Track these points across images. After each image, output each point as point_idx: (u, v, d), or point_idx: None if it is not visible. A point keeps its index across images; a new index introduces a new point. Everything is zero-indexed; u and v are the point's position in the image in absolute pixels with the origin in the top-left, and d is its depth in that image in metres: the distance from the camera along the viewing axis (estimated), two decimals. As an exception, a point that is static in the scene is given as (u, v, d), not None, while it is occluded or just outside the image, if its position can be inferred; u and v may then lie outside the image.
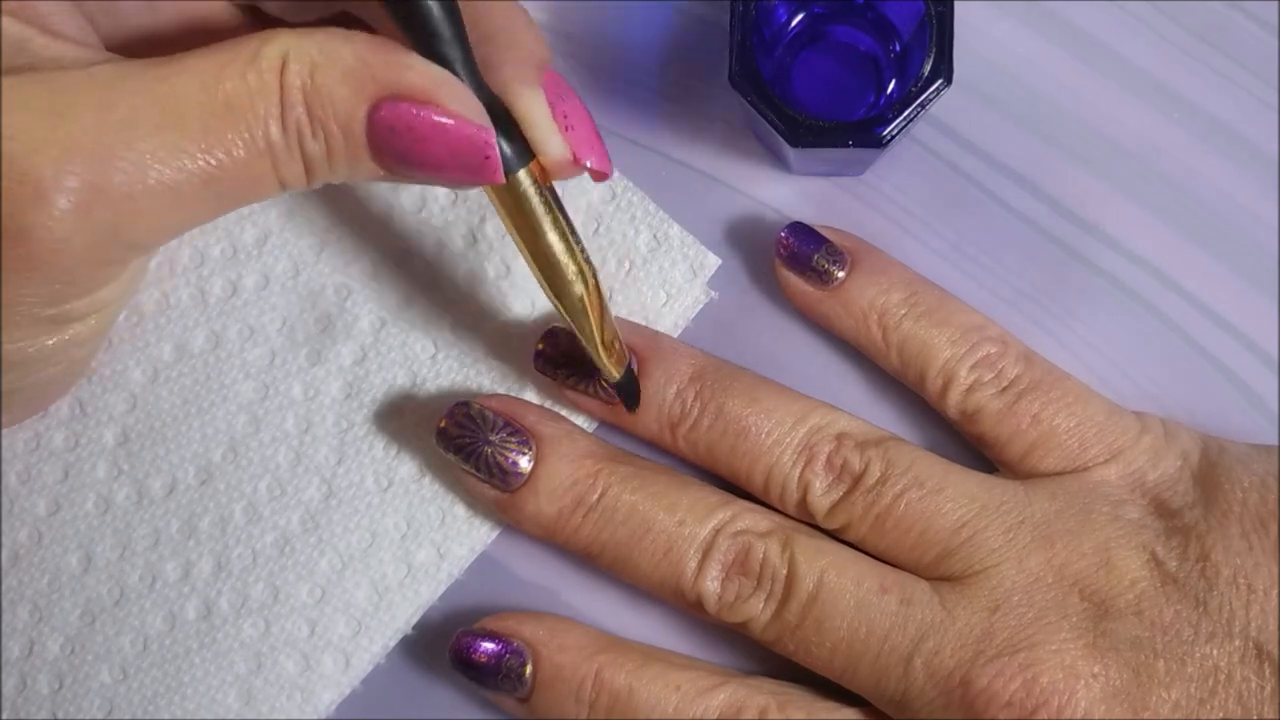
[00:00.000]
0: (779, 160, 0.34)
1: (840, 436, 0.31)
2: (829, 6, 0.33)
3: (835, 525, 0.31)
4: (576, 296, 0.29)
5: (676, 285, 0.34)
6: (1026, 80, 0.34)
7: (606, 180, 0.29)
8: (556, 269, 0.28)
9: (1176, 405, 0.33)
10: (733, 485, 0.32)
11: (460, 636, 0.31)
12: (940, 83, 0.29)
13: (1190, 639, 0.29)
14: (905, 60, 0.32)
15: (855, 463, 0.31)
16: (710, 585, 0.30)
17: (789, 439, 0.31)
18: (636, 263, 0.34)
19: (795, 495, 0.31)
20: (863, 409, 0.33)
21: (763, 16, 0.31)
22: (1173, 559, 0.29)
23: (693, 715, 0.30)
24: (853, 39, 0.34)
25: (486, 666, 0.31)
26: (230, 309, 0.34)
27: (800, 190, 0.34)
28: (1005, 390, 0.31)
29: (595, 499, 0.31)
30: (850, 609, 0.30)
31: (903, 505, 0.30)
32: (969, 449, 0.33)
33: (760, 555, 0.30)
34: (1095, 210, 0.34)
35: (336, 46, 0.25)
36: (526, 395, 0.34)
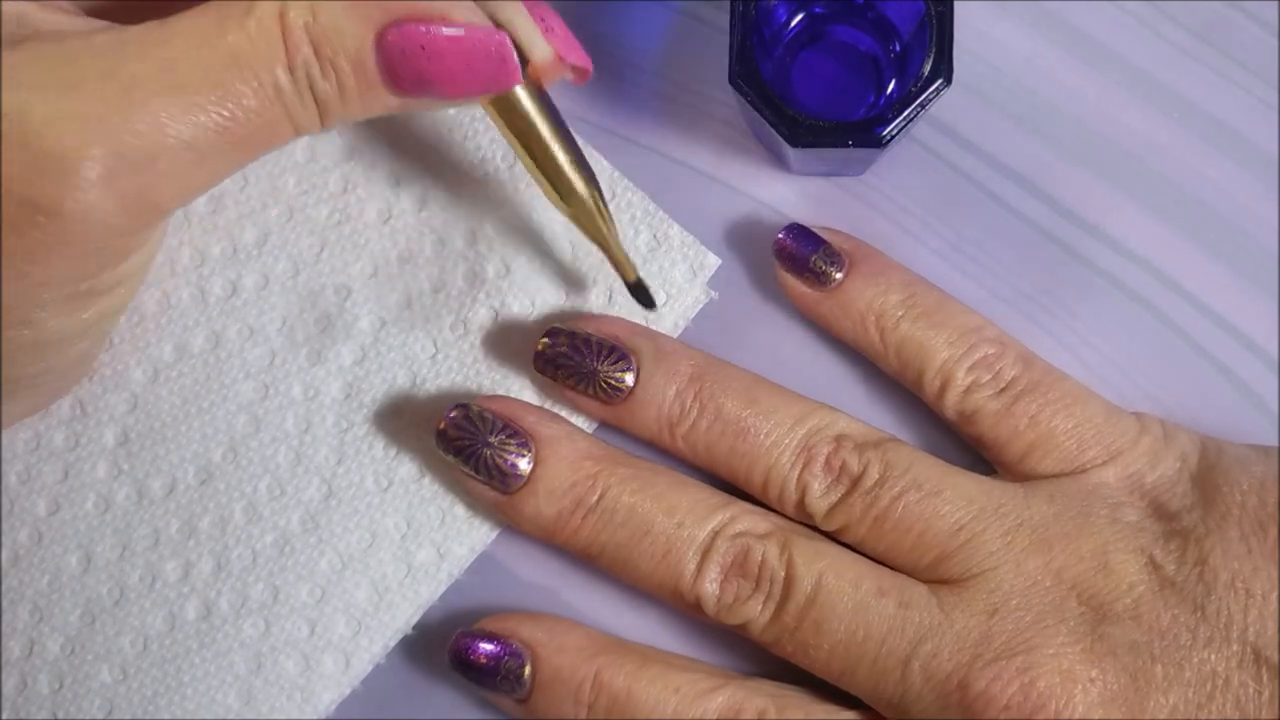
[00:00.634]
0: (779, 160, 0.34)
1: (839, 438, 0.31)
2: (829, 6, 0.33)
3: (834, 527, 0.31)
4: (588, 197, 0.30)
5: (676, 285, 0.34)
6: (1026, 80, 0.34)
7: (588, 79, 0.30)
8: (562, 174, 0.29)
9: (1176, 405, 0.33)
10: (733, 486, 0.32)
11: (459, 637, 0.31)
12: (940, 83, 0.29)
13: (1188, 644, 0.29)
14: (905, 60, 0.32)
15: (854, 464, 0.31)
16: (709, 587, 0.30)
17: (788, 440, 0.31)
18: (636, 263, 0.34)
19: (794, 496, 0.31)
20: (863, 409, 0.33)
21: (763, 16, 0.31)
22: (1170, 562, 0.29)
23: (691, 717, 0.30)
24: (853, 39, 0.34)
25: (485, 668, 0.31)
26: (230, 309, 0.34)
27: (800, 190, 0.34)
28: (1003, 391, 0.31)
29: (594, 500, 0.31)
30: (848, 611, 0.30)
31: (900, 507, 0.30)
32: (969, 450, 0.33)
33: (759, 557, 0.30)
34: (1095, 210, 0.34)
35: None
36: (526, 395, 0.34)
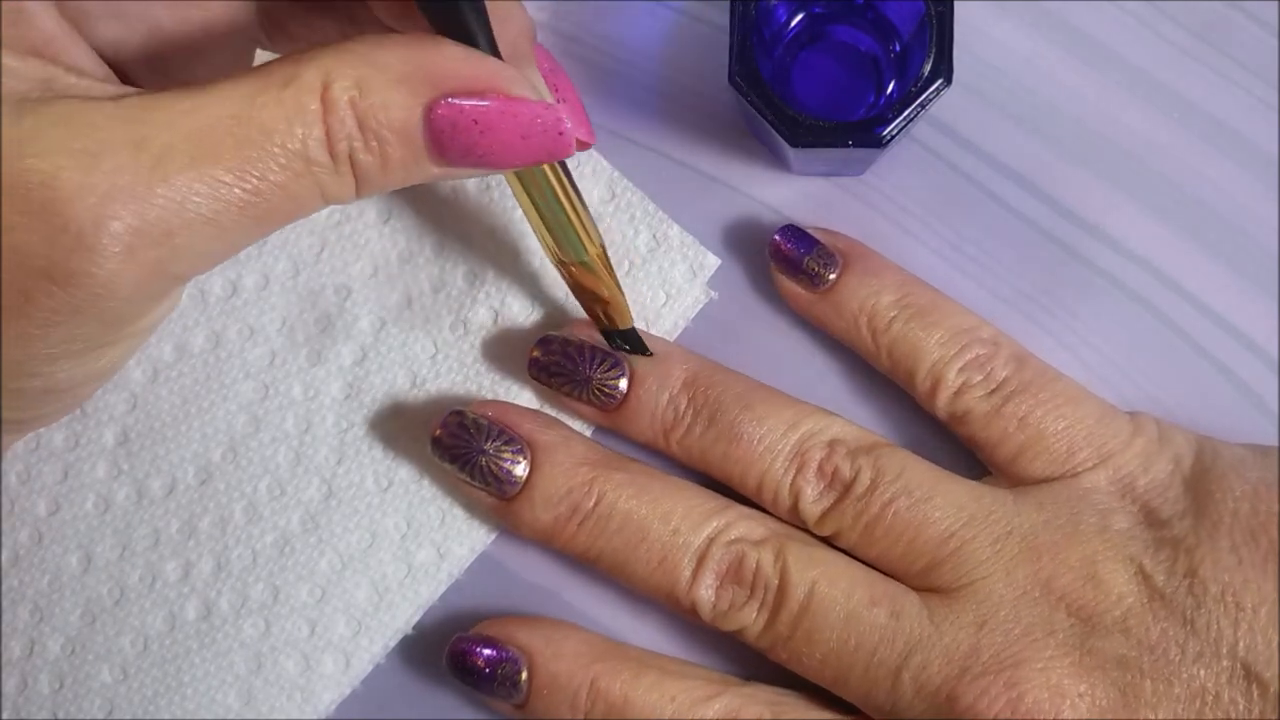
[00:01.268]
0: (779, 160, 0.34)
1: (832, 443, 0.31)
2: (829, 6, 0.33)
3: (826, 532, 0.31)
4: (596, 255, 0.30)
5: (676, 285, 0.34)
6: (1026, 80, 0.34)
7: (589, 149, 0.30)
8: (571, 236, 0.30)
9: (1176, 405, 0.33)
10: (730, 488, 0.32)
11: (457, 641, 0.31)
12: (940, 83, 0.29)
13: (1178, 659, 0.28)
14: (905, 60, 0.32)
15: (846, 470, 0.31)
16: (705, 594, 0.30)
17: (781, 445, 0.31)
18: (636, 263, 0.34)
19: (787, 502, 0.31)
20: (862, 409, 0.33)
21: (763, 16, 0.31)
22: (1160, 573, 0.29)
23: None
24: (853, 39, 0.34)
25: (482, 672, 0.31)
26: (230, 309, 0.34)
27: (800, 190, 0.34)
28: (994, 393, 0.31)
29: (590, 507, 0.31)
30: (840, 621, 0.30)
31: (891, 514, 0.30)
32: (967, 451, 0.32)
33: (753, 564, 0.30)
34: (1095, 210, 0.34)
35: (379, 55, 0.24)
36: (525, 396, 0.34)
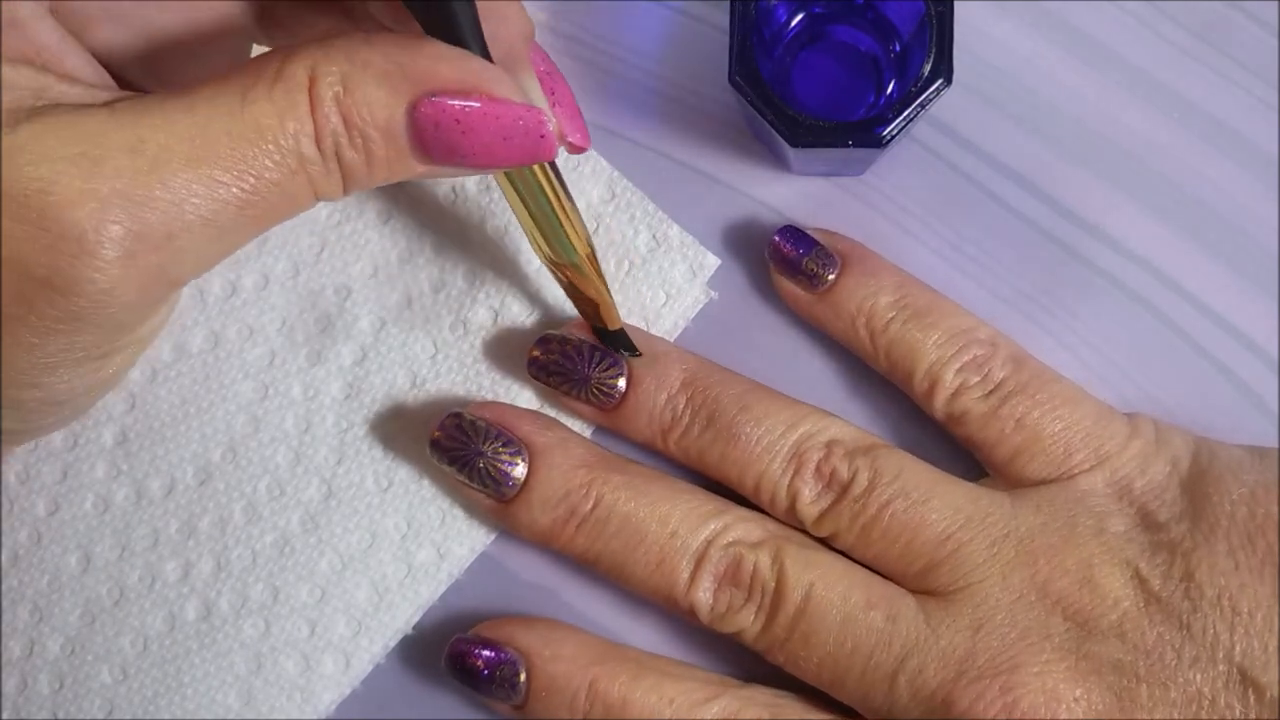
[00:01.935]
0: (779, 160, 0.34)
1: (830, 444, 0.31)
2: (829, 6, 0.33)
3: (824, 533, 0.31)
4: (585, 256, 0.30)
5: (676, 285, 0.34)
6: (1026, 80, 0.34)
7: (584, 153, 0.30)
8: (560, 236, 0.29)
9: (1176, 405, 0.33)
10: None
11: (456, 642, 0.31)
12: (940, 83, 0.29)
13: (1174, 663, 0.28)
14: (905, 60, 0.32)
15: (843, 471, 0.31)
16: (703, 596, 0.30)
17: (779, 446, 0.31)
18: (636, 263, 0.34)
19: (785, 503, 0.31)
20: (861, 410, 0.33)
21: (763, 16, 0.31)
22: (1156, 577, 0.29)
23: None
24: (853, 39, 0.34)
25: (481, 674, 0.31)
26: (229, 309, 0.34)
27: (800, 190, 0.34)
28: (991, 393, 0.31)
29: (588, 509, 0.31)
30: (836, 624, 0.30)
31: (888, 515, 0.30)
32: (966, 452, 0.32)
33: (751, 566, 0.30)
34: (1095, 210, 0.34)
35: (363, 52, 0.25)
36: (525, 396, 0.34)
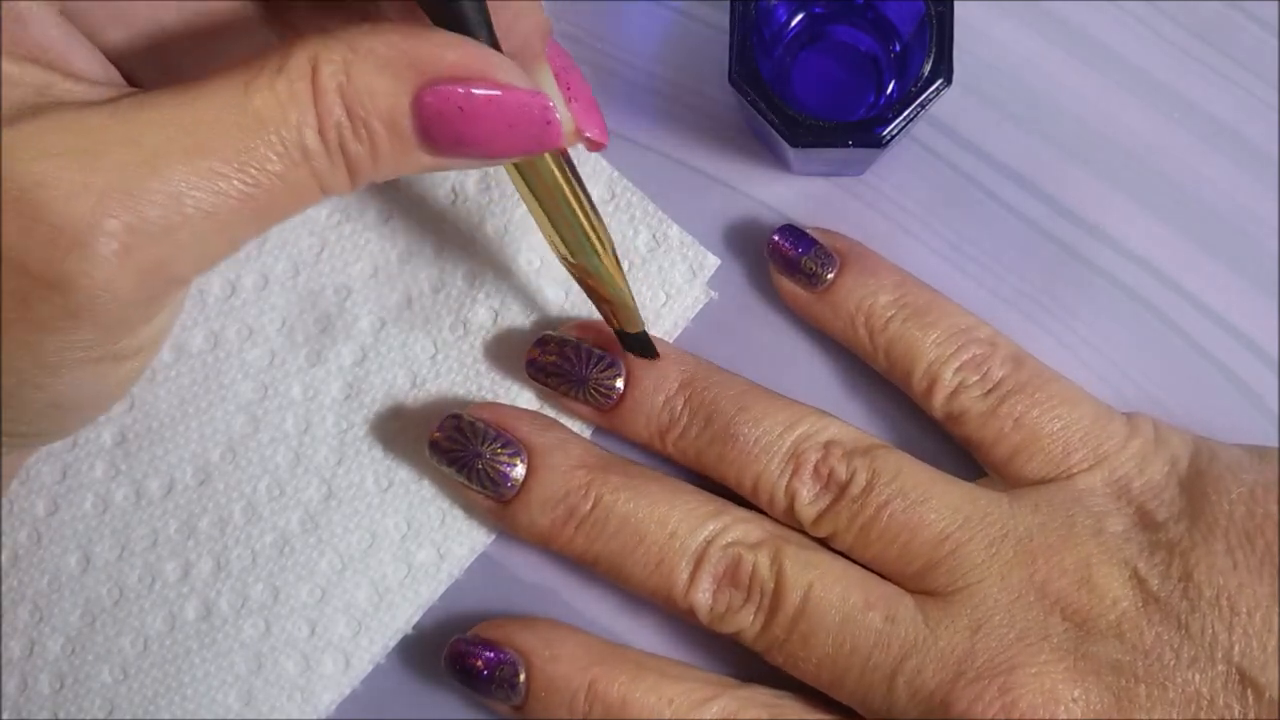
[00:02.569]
0: (779, 160, 0.34)
1: (828, 445, 0.31)
2: (829, 6, 0.33)
3: (822, 534, 0.31)
4: (606, 256, 0.29)
5: (676, 285, 0.34)
6: (1026, 80, 0.34)
7: (603, 149, 0.29)
8: (580, 236, 0.29)
9: (1176, 405, 0.33)
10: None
11: (455, 643, 0.31)
12: (940, 83, 0.29)
13: (1172, 663, 0.28)
14: (905, 60, 0.32)
15: (841, 472, 0.31)
16: (702, 597, 0.30)
17: (777, 447, 0.31)
18: (636, 263, 0.34)
19: (783, 503, 0.31)
20: (860, 410, 0.33)
21: (763, 16, 0.31)
22: (1155, 577, 0.29)
23: None
24: (853, 39, 0.34)
25: (480, 674, 0.31)
26: (229, 309, 0.34)
27: (800, 190, 0.34)
28: (990, 393, 0.31)
29: (587, 510, 0.31)
30: (835, 625, 0.30)
31: (886, 516, 0.30)
32: (963, 453, 0.32)
33: (750, 567, 0.30)
34: (1095, 210, 0.34)
35: (367, 41, 0.24)
36: (525, 396, 0.34)
